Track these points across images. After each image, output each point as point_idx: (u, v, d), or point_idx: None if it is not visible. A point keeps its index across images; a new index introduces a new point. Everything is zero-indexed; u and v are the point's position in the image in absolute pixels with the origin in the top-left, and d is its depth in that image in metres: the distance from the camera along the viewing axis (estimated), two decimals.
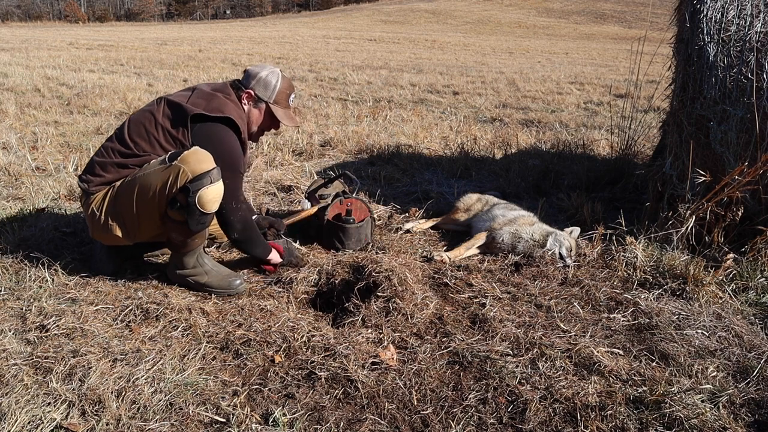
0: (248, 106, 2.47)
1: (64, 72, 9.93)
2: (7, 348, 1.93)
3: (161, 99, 2.38)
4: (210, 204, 2.20)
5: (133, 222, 2.30)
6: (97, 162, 2.35)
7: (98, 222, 2.33)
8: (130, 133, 2.33)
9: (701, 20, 2.83)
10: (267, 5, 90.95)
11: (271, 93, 2.45)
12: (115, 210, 2.29)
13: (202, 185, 2.16)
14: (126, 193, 2.27)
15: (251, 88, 2.44)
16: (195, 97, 2.36)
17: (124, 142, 2.32)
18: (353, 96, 8.61)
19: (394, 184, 4.14)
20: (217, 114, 2.30)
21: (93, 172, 2.34)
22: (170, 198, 2.21)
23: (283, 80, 2.48)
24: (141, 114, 2.38)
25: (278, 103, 2.49)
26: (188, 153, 2.19)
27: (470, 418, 1.73)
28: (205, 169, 2.17)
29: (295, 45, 20.69)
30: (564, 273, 2.66)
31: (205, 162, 2.18)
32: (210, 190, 2.18)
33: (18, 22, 48.72)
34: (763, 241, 2.64)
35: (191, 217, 2.20)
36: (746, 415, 1.77)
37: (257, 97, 2.45)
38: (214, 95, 2.37)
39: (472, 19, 49.60)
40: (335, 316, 2.34)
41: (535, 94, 8.95)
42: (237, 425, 1.65)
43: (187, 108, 2.29)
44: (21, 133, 5.31)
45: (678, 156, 2.93)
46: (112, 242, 2.42)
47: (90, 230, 2.42)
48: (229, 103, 2.37)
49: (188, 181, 2.16)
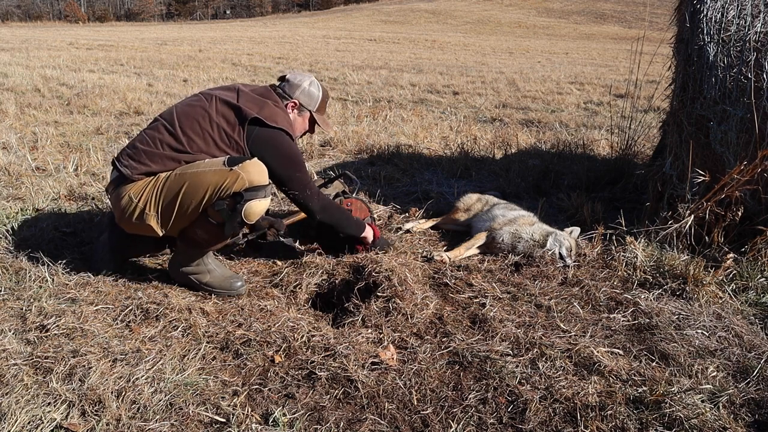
0: (293, 114, 2.58)
1: (64, 72, 9.93)
2: (7, 348, 1.93)
3: (211, 96, 2.39)
4: (254, 215, 2.27)
5: (171, 214, 2.29)
6: (144, 150, 2.31)
7: (134, 210, 2.29)
8: (182, 126, 2.32)
9: (701, 20, 2.83)
10: (267, 5, 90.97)
11: (315, 103, 2.61)
12: (158, 200, 2.28)
13: (256, 196, 2.23)
14: (173, 186, 2.26)
15: (296, 98, 2.56)
16: (245, 100, 2.40)
17: (176, 137, 2.30)
18: (353, 96, 8.61)
19: (394, 184, 4.14)
20: (272, 124, 2.38)
21: (138, 160, 2.31)
22: (217, 199, 2.23)
23: (322, 89, 2.65)
24: (191, 109, 2.36)
25: (319, 111, 2.65)
26: (250, 162, 2.25)
27: (470, 418, 1.73)
28: (262, 182, 2.25)
29: (295, 45, 20.69)
30: (564, 273, 2.66)
31: (264, 175, 2.28)
32: (260, 202, 2.26)
33: (18, 22, 48.72)
34: (763, 241, 2.64)
35: (230, 221, 2.24)
36: (746, 415, 1.77)
37: (302, 106, 2.58)
38: (265, 102, 2.43)
39: (472, 19, 49.60)
40: (335, 316, 2.34)
41: (535, 94, 8.95)
42: (237, 425, 1.65)
43: (246, 111, 2.34)
44: (21, 133, 5.31)
45: (678, 156, 2.94)
46: (138, 231, 2.38)
47: (117, 216, 2.38)
48: (280, 113, 2.45)
49: (244, 189, 2.22)
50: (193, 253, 2.41)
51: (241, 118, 2.33)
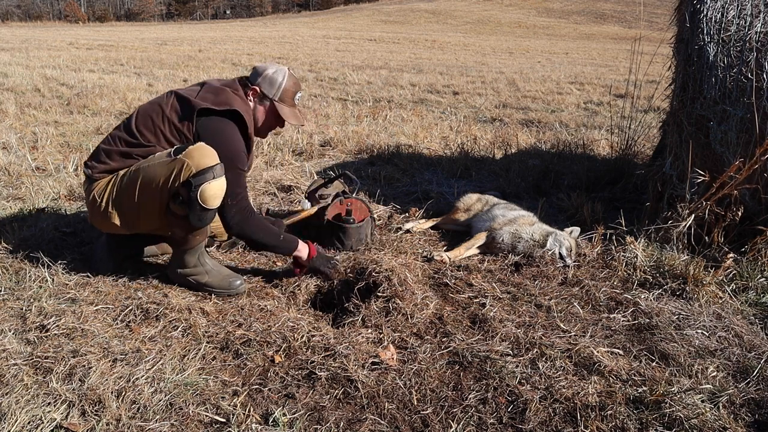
0: (254, 103, 2.48)
1: (64, 72, 9.93)
2: (7, 348, 1.93)
3: (171, 92, 2.41)
4: (211, 199, 2.21)
5: (132, 212, 2.31)
6: (103, 149, 2.38)
7: (98, 208, 2.34)
8: (137, 123, 2.35)
9: (701, 20, 2.83)
10: (267, 5, 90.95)
11: (276, 90, 2.46)
12: (117, 198, 2.31)
13: (205, 180, 2.17)
14: (129, 183, 2.29)
15: (257, 84, 2.46)
16: (204, 91, 2.38)
17: (131, 132, 2.34)
18: (353, 96, 8.61)
19: (394, 184, 4.14)
20: (224, 107, 2.32)
21: (98, 159, 2.37)
22: (173, 192, 2.23)
23: (289, 78, 2.49)
24: (150, 106, 2.40)
25: (283, 101, 2.50)
26: (193, 148, 2.22)
27: (470, 418, 1.73)
28: (208, 164, 2.19)
29: (295, 45, 20.69)
30: (564, 273, 2.66)
31: (209, 157, 2.20)
32: (212, 185, 2.19)
33: (18, 22, 48.71)
34: (763, 241, 2.64)
35: (192, 211, 2.22)
36: (746, 415, 1.77)
37: (262, 94, 2.46)
38: (223, 89, 2.40)
39: (472, 19, 49.60)
40: (335, 316, 2.34)
41: (535, 94, 8.95)
42: (237, 425, 1.65)
43: (194, 102, 2.31)
44: (21, 133, 5.31)
45: (678, 156, 2.93)
46: (109, 230, 2.43)
47: (89, 216, 2.45)
48: (237, 98, 2.39)
49: (191, 176, 2.18)
50: (185, 254, 2.40)
51: (190, 110, 2.31)
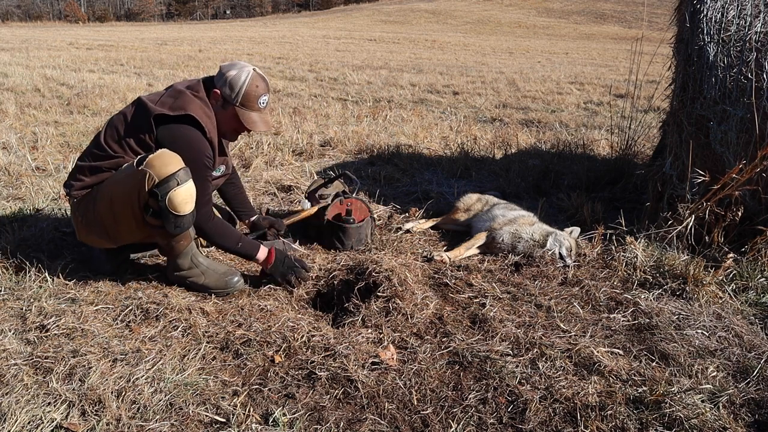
0: (216, 107, 2.35)
1: (64, 72, 9.93)
2: (7, 348, 1.93)
3: (137, 99, 2.34)
4: (182, 206, 2.15)
5: (112, 226, 2.28)
6: (78, 166, 2.34)
7: (82, 226, 2.34)
8: (105, 135, 2.30)
9: (701, 20, 2.83)
10: (267, 5, 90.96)
11: (237, 95, 2.30)
12: (94, 215, 2.28)
13: (170, 188, 2.11)
14: (101, 198, 2.25)
15: (219, 87, 2.33)
16: (166, 96, 2.30)
17: (99, 145, 2.29)
18: (353, 96, 8.61)
19: (394, 184, 4.14)
20: (179, 112, 2.22)
21: (74, 177, 2.33)
22: (143, 204, 2.18)
23: (252, 81, 2.31)
24: (117, 116, 2.35)
25: (245, 106, 2.33)
26: (153, 156, 2.14)
27: (470, 418, 1.73)
28: (170, 172, 2.11)
29: (295, 45, 20.68)
30: (564, 273, 2.66)
31: (171, 164, 2.13)
32: (178, 192, 2.12)
33: (18, 22, 48.72)
34: (763, 241, 2.64)
35: (166, 220, 2.17)
36: (746, 415, 1.77)
37: (224, 98, 2.32)
38: (182, 92, 2.29)
39: (472, 19, 49.59)
40: (335, 316, 2.34)
41: (535, 94, 8.95)
42: (237, 425, 1.65)
43: (150, 108, 2.23)
44: (21, 133, 5.31)
45: (678, 156, 2.93)
46: (99, 245, 2.43)
47: (77, 234, 2.42)
48: (195, 101, 2.28)
49: (155, 186, 2.11)
50: (175, 258, 2.39)
51: (147, 117, 2.22)
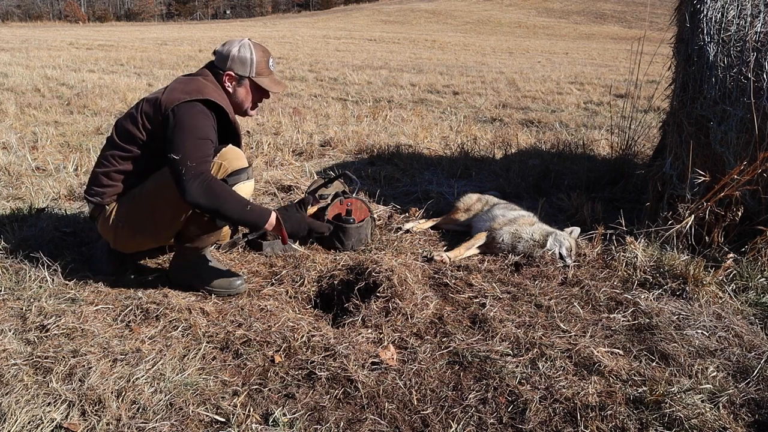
0: (232, 87, 2.38)
1: (64, 72, 9.93)
2: (7, 348, 1.93)
3: (142, 99, 2.37)
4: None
5: (163, 222, 2.29)
6: (101, 173, 2.33)
7: (122, 231, 2.33)
8: (121, 139, 2.31)
9: (701, 20, 2.83)
10: (267, 5, 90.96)
11: (251, 68, 2.36)
12: (144, 215, 2.28)
13: (240, 180, 2.27)
14: (154, 196, 2.26)
15: (229, 69, 2.34)
16: (171, 88, 2.29)
17: (117, 146, 2.31)
18: (353, 96, 8.61)
19: (394, 184, 4.13)
20: (196, 96, 2.21)
21: (101, 184, 2.32)
22: None
23: (256, 50, 2.37)
24: (123, 118, 2.36)
25: (261, 74, 2.39)
26: (227, 149, 2.29)
27: (470, 418, 1.73)
28: (243, 166, 2.28)
29: (295, 45, 20.68)
30: (564, 273, 2.66)
31: (242, 159, 2.31)
32: (246, 185, 2.30)
33: (18, 22, 48.68)
34: (763, 241, 2.64)
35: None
36: (746, 415, 1.76)
37: (239, 76, 2.36)
38: (194, 79, 2.32)
39: (472, 19, 49.60)
40: (335, 316, 2.34)
41: (535, 94, 8.95)
42: (237, 425, 1.65)
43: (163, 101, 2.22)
44: (21, 133, 5.31)
45: (678, 156, 2.93)
46: (139, 248, 2.46)
47: (112, 243, 2.42)
48: (208, 85, 2.30)
49: (227, 175, 2.25)
50: (189, 253, 2.40)
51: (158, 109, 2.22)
